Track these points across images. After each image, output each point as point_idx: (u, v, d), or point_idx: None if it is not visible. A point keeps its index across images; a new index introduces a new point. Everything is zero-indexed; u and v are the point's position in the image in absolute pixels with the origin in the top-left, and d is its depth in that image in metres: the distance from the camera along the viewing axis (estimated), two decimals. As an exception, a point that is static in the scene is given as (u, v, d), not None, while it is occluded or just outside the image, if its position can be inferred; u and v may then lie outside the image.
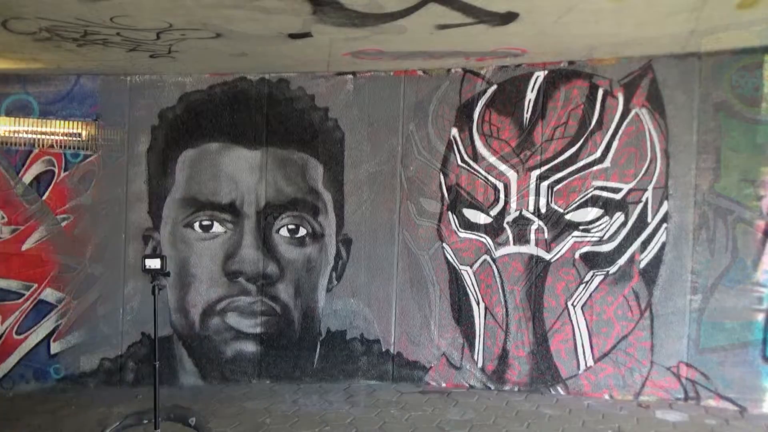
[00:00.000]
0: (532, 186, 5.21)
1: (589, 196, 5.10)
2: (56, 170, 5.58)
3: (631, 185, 5.01)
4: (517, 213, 5.25)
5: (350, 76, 5.57)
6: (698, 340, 4.87)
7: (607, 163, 5.07)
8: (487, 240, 5.33)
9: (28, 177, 5.56)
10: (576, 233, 5.13)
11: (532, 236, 5.23)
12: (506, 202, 5.27)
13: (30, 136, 5.55)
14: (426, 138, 5.46)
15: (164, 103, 5.63)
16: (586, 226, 5.12)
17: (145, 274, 4.36)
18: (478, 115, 5.34)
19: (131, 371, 5.64)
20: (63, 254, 5.60)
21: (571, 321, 5.15)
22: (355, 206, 5.59)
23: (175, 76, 5.63)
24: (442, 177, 5.44)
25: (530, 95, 5.23)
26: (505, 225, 5.28)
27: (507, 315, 5.30)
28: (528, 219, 5.23)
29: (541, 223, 5.21)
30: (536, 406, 4.91)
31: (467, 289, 5.39)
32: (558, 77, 5.17)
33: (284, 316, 5.67)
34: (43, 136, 5.56)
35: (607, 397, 5.04)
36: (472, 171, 5.34)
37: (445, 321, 5.44)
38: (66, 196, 5.60)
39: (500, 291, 5.31)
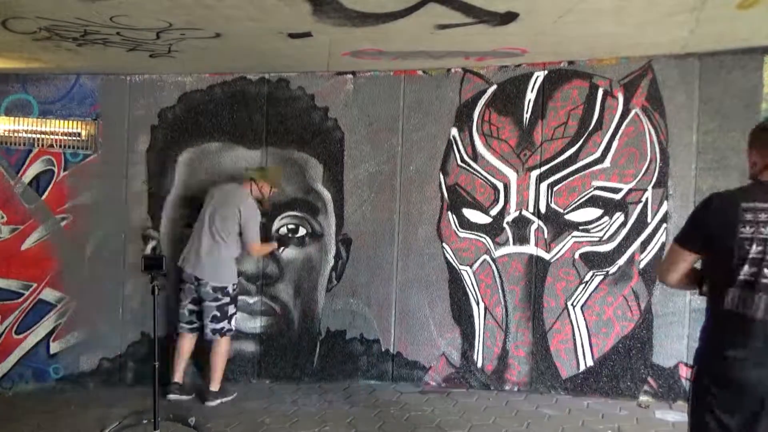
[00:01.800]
0: (532, 186, 5.21)
1: (588, 196, 5.10)
2: (56, 170, 5.58)
3: (630, 185, 5.02)
4: (517, 213, 5.25)
5: (350, 76, 5.57)
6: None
7: (606, 163, 5.07)
8: (487, 240, 5.33)
9: (27, 176, 5.55)
10: (576, 233, 5.13)
11: (532, 236, 5.23)
12: (506, 202, 5.27)
13: (29, 135, 5.55)
14: (426, 138, 5.46)
15: (164, 103, 5.63)
16: (585, 226, 5.12)
17: (144, 273, 4.38)
18: (478, 115, 5.34)
19: (131, 371, 5.64)
20: (62, 254, 5.60)
21: (571, 321, 5.15)
22: (355, 206, 5.59)
23: (175, 76, 5.62)
24: (441, 177, 5.44)
25: (530, 95, 5.23)
26: (504, 225, 5.28)
27: (507, 315, 5.30)
28: (528, 219, 5.23)
29: (540, 223, 5.21)
30: (536, 406, 4.91)
31: (467, 289, 5.40)
32: (558, 77, 5.17)
33: (284, 315, 5.67)
34: (43, 136, 5.56)
35: (606, 397, 5.04)
36: (472, 171, 5.34)
37: (444, 321, 5.44)
38: (65, 195, 5.60)
39: (500, 291, 5.31)
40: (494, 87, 5.32)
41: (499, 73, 5.30)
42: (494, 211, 5.31)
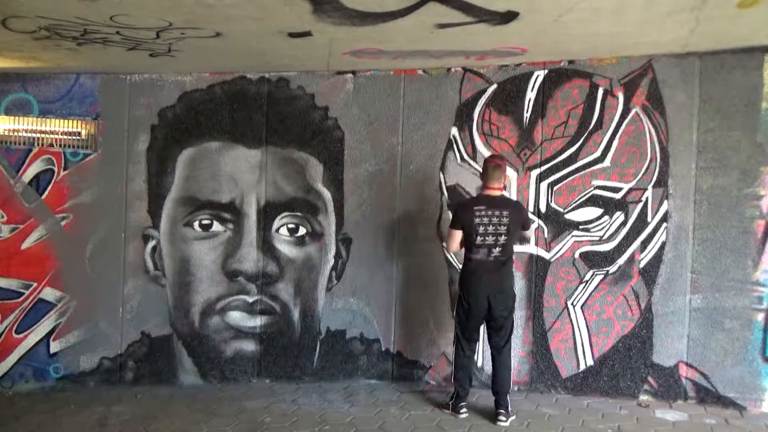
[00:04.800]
0: (532, 185, 5.21)
1: (589, 195, 5.10)
2: (56, 169, 5.57)
3: (631, 185, 5.01)
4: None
5: (350, 75, 5.56)
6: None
7: (607, 163, 5.07)
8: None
9: (27, 176, 5.55)
10: (576, 233, 5.13)
11: (532, 235, 5.22)
12: (506, 202, 5.26)
13: (29, 134, 5.55)
14: (426, 137, 5.46)
15: (164, 102, 5.63)
16: (585, 226, 5.12)
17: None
18: (478, 115, 5.34)
19: (131, 370, 5.64)
20: (62, 253, 5.60)
21: (571, 320, 5.15)
22: (355, 205, 5.59)
23: (175, 75, 5.62)
24: (441, 176, 5.43)
25: (530, 94, 5.23)
26: (505, 224, 5.27)
27: (507, 314, 5.29)
28: (528, 218, 5.22)
29: (540, 222, 5.21)
30: (536, 406, 4.91)
31: (467, 288, 5.38)
32: (558, 76, 5.16)
33: (284, 315, 5.67)
34: (43, 135, 5.56)
35: (606, 396, 5.04)
36: (472, 170, 5.34)
37: (444, 320, 5.43)
38: (65, 195, 5.59)
39: (500, 290, 5.30)
40: (494, 86, 5.31)
41: (500, 73, 5.30)
42: (494, 211, 5.30)
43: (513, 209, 4.63)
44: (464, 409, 4.70)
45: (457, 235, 4.66)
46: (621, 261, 5.05)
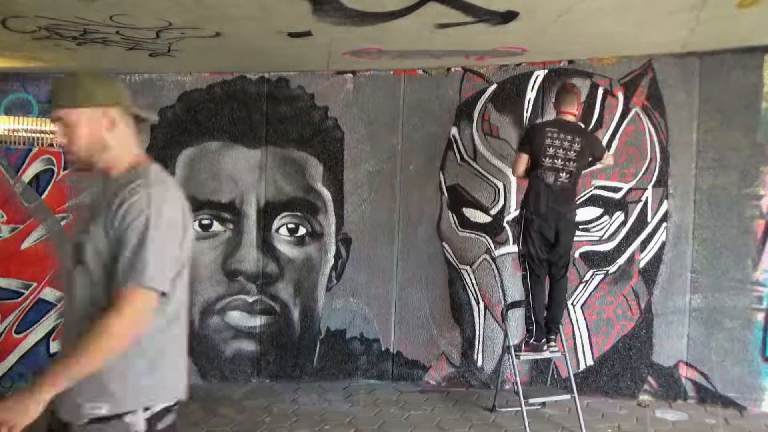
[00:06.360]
0: (532, 185, 5.20)
1: (588, 195, 5.10)
2: (56, 169, 5.57)
3: (630, 184, 5.01)
4: (517, 212, 5.24)
5: (350, 75, 5.56)
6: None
7: (607, 162, 5.07)
8: (487, 239, 5.32)
9: (27, 175, 5.55)
10: (576, 232, 5.12)
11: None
12: (506, 201, 5.27)
13: (29, 134, 5.55)
14: (426, 137, 5.45)
15: (164, 102, 5.63)
16: (585, 226, 5.11)
17: None
18: (478, 114, 5.34)
19: (131, 370, 5.64)
20: (62, 253, 5.59)
21: (571, 320, 5.15)
22: (355, 205, 5.59)
23: (175, 75, 5.62)
24: (441, 176, 5.43)
25: (530, 94, 5.22)
26: (504, 224, 5.27)
27: (506, 314, 5.28)
28: (528, 218, 5.22)
29: (540, 222, 5.20)
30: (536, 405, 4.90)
31: (467, 288, 5.39)
32: (558, 76, 5.16)
33: (284, 315, 5.67)
34: (43, 135, 5.55)
35: (606, 396, 5.04)
36: (472, 170, 5.34)
37: (444, 320, 5.44)
38: (65, 194, 5.59)
39: (500, 290, 5.30)
40: (494, 86, 5.31)
41: (499, 72, 5.30)
42: (494, 211, 5.30)
43: (585, 136, 4.54)
44: (545, 341, 4.54)
45: (524, 159, 4.48)
46: (621, 261, 5.05)
